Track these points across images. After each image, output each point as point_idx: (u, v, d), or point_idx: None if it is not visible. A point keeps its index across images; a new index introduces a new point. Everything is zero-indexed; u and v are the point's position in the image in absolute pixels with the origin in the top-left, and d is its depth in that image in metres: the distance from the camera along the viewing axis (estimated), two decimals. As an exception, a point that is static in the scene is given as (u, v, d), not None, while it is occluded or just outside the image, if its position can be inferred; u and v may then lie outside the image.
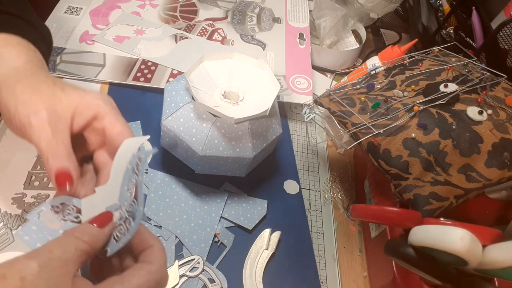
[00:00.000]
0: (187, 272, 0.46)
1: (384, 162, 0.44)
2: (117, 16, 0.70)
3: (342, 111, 0.48)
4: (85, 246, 0.27)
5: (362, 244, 0.56)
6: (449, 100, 0.44)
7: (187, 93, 0.49)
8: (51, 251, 0.25)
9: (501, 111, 0.44)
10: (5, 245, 0.43)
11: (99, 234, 0.29)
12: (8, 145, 0.50)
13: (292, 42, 0.74)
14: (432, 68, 0.50)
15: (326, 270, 0.52)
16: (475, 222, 0.37)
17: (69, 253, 0.26)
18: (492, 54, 0.60)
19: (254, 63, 0.53)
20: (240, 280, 0.47)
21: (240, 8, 0.79)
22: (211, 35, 0.72)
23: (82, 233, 0.28)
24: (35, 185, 0.48)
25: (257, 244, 0.50)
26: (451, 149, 0.42)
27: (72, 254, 0.26)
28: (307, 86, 0.67)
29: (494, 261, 0.33)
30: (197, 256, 0.47)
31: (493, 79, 0.48)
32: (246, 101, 0.50)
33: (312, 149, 0.65)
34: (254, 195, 0.54)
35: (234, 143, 0.48)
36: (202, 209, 0.51)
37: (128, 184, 0.31)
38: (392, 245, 0.40)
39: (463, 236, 0.32)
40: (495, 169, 0.42)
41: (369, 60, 0.66)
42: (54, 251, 0.25)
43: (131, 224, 0.29)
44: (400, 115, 0.44)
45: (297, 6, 0.82)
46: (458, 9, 0.70)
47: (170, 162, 0.54)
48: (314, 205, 0.58)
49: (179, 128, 0.48)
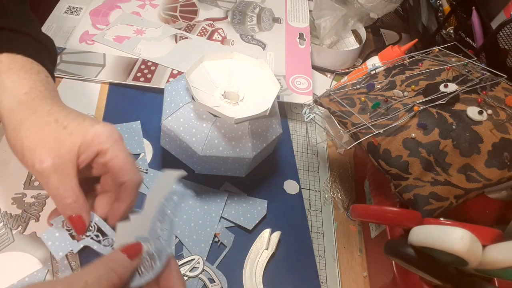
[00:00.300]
0: (187, 272, 0.46)
1: (384, 162, 0.44)
2: (117, 16, 0.70)
3: (342, 111, 0.48)
4: (116, 279, 0.27)
5: (362, 244, 0.56)
6: (449, 100, 0.44)
7: (187, 93, 0.49)
8: (86, 283, 0.25)
9: (501, 111, 0.44)
10: (5, 245, 0.43)
11: (129, 266, 0.29)
12: (8, 145, 0.50)
13: (292, 42, 0.74)
14: (432, 68, 0.50)
15: (326, 270, 0.52)
16: (475, 222, 0.37)
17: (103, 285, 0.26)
18: (492, 54, 0.60)
19: (254, 63, 0.53)
20: (240, 280, 0.47)
21: (240, 8, 0.79)
22: (211, 35, 0.72)
23: (117, 264, 0.28)
24: (35, 185, 0.48)
25: (257, 244, 0.50)
26: (451, 149, 0.42)
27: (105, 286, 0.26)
28: (307, 86, 0.67)
29: (494, 261, 0.33)
30: (197, 256, 0.47)
31: (493, 79, 0.48)
32: (246, 101, 0.50)
33: (312, 149, 0.65)
34: (254, 195, 0.54)
35: (234, 143, 0.48)
36: (202, 209, 0.51)
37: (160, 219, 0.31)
38: (392, 245, 0.40)
39: (463, 236, 0.32)
40: (495, 169, 0.42)
41: (369, 60, 0.66)
42: (88, 283, 0.26)
43: (157, 263, 0.30)
44: (400, 115, 0.44)
45: (297, 6, 0.82)
46: (458, 9, 0.70)
47: (170, 162, 0.54)
48: (314, 205, 0.58)
49: (179, 128, 0.48)
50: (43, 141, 0.31)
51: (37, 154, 0.31)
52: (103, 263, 0.28)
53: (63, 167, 0.31)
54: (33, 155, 0.31)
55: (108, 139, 0.33)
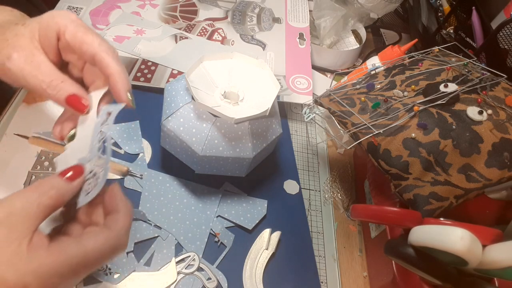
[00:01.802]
0: (183, 269, 0.46)
1: (384, 162, 0.44)
2: (117, 16, 0.70)
3: (342, 111, 0.48)
4: (49, 201, 0.27)
5: (362, 244, 0.56)
6: (449, 100, 0.44)
7: (187, 93, 0.49)
8: (13, 205, 0.25)
9: (501, 111, 0.44)
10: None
11: (66, 187, 0.29)
12: (8, 145, 0.50)
13: (292, 42, 0.74)
14: (432, 68, 0.50)
15: (326, 270, 0.52)
16: (475, 222, 0.37)
17: (31, 209, 0.26)
18: (492, 54, 0.60)
19: (254, 63, 0.53)
20: (240, 280, 0.47)
21: (240, 8, 0.79)
22: (211, 35, 0.72)
23: (48, 188, 0.27)
24: (35, 185, 0.48)
25: (257, 244, 0.50)
26: (451, 149, 0.42)
27: (35, 210, 0.26)
28: (307, 86, 0.67)
29: (494, 261, 0.33)
30: (193, 253, 0.47)
31: (493, 79, 0.48)
32: (246, 101, 0.50)
33: (312, 149, 0.65)
34: (254, 195, 0.54)
35: (234, 143, 0.48)
36: (197, 207, 0.51)
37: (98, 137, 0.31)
38: (392, 245, 0.40)
39: (463, 236, 0.32)
40: (495, 169, 0.42)
41: (369, 60, 0.66)
42: (16, 205, 0.26)
43: (99, 177, 0.29)
44: (400, 115, 0.44)
45: (297, 6, 0.82)
46: (458, 9, 0.70)
47: (170, 162, 0.54)
48: (314, 205, 0.58)
49: (179, 128, 0.48)
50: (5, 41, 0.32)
51: (2, 53, 0.32)
52: (34, 187, 0.27)
53: (32, 56, 0.32)
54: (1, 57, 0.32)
55: (63, 19, 0.33)
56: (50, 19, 0.33)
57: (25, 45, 0.32)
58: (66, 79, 0.33)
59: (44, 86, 0.32)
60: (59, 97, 0.33)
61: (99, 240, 0.28)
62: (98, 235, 0.28)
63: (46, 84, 0.32)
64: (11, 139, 0.51)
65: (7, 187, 0.47)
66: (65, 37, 0.33)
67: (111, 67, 0.33)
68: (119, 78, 0.33)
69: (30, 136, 0.51)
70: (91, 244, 0.27)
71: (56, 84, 0.32)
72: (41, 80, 0.32)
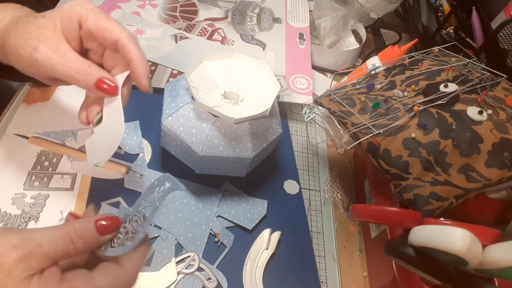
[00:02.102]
0: (183, 269, 0.46)
1: (384, 162, 0.44)
2: (117, 16, 0.70)
3: (342, 111, 0.48)
4: (74, 251, 0.27)
5: (362, 244, 0.56)
6: (449, 100, 0.44)
7: (187, 93, 0.49)
8: (40, 245, 0.25)
9: (501, 111, 0.44)
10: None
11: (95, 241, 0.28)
12: (8, 145, 0.50)
13: (292, 42, 0.74)
14: (432, 68, 0.50)
15: (326, 270, 0.52)
16: (475, 222, 0.37)
17: (55, 253, 0.26)
18: (492, 54, 0.60)
19: (254, 63, 0.53)
20: (240, 280, 0.47)
21: (240, 8, 0.79)
22: (211, 35, 0.71)
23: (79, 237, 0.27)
24: (35, 185, 0.48)
25: (257, 244, 0.50)
26: (451, 149, 0.42)
27: (57, 255, 0.26)
28: (307, 86, 0.67)
29: (494, 261, 0.33)
30: (193, 253, 0.47)
31: (493, 79, 0.48)
32: (246, 101, 0.50)
33: (312, 149, 0.65)
34: (254, 195, 0.54)
35: (234, 143, 0.48)
36: (197, 207, 0.51)
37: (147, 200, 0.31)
38: (392, 245, 0.40)
39: (463, 236, 0.32)
40: (495, 169, 0.42)
41: (369, 60, 0.66)
42: (42, 246, 0.25)
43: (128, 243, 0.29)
44: (400, 115, 0.44)
45: (297, 6, 0.82)
46: (458, 9, 0.70)
47: (170, 162, 0.54)
48: (314, 205, 0.58)
49: (179, 128, 0.48)
50: (29, 34, 0.33)
51: (28, 45, 0.33)
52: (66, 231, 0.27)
53: (56, 45, 0.34)
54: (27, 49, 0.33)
55: (83, 8, 0.35)
56: (70, 9, 0.34)
57: (49, 36, 0.34)
58: (92, 64, 0.35)
59: (72, 73, 0.34)
60: (88, 82, 0.34)
61: (110, 279, 0.28)
62: (109, 274, 0.28)
63: (74, 70, 0.34)
64: (11, 139, 0.51)
65: (7, 187, 0.47)
66: (86, 25, 0.34)
67: (133, 52, 0.35)
68: (140, 63, 0.35)
69: (30, 136, 0.51)
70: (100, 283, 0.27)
71: (84, 69, 0.34)
72: (69, 67, 0.33)
